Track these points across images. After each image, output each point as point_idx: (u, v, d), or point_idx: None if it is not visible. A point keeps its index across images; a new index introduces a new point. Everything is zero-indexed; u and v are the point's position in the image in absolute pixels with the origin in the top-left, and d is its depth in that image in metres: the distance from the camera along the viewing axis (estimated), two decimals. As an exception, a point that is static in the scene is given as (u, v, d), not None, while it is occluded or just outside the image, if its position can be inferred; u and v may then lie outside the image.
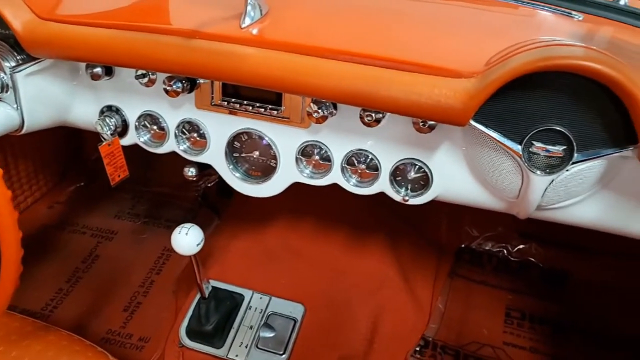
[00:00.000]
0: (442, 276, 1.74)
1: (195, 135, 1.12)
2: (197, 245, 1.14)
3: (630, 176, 0.89)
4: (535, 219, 1.02)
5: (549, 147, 0.85)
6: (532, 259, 1.81)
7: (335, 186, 1.09)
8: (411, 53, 0.89)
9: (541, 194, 0.91)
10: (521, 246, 1.83)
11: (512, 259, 1.83)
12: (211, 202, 1.94)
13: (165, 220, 1.88)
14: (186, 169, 1.18)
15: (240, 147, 1.11)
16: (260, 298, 1.47)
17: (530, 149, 0.87)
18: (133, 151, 1.19)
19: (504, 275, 1.78)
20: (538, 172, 0.88)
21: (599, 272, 1.73)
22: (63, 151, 1.96)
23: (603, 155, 0.83)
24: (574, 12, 1.08)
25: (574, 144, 0.84)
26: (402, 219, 1.80)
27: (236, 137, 1.10)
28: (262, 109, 1.03)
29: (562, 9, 1.10)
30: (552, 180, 0.89)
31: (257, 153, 1.11)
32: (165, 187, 2.00)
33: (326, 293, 1.52)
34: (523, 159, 0.87)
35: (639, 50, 0.98)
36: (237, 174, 1.14)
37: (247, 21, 0.92)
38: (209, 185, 1.99)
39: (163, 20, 0.97)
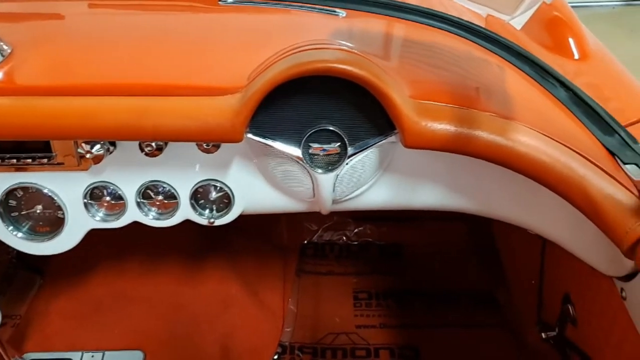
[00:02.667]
0: (290, 277, 1.75)
1: None
2: (-5, 324, 1.01)
3: (403, 158, 0.96)
4: (340, 210, 1.06)
5: (325, 146, 0.89)
6: (370, 239, 1.90)
7: None
8: (175, 75, 0.87)
9: (331, 189, 0.95)
10: (357, 229, 1.92)
11: (352, 243, 1.90)
12: (29, 261, 1.74)
13: None
14: None
15: (18, 204, 1.00)
16: (92, 356, 1.36)
17: (309, 151, 0.90)
18: None
19: (347, 260, 1.85)
20: (321, 170, 0.91)
21: (426, 237, 1.88)
22: None
23: (373, 145, 0.89)
24: (337, 10, 1.14)
25: (345, 139, 0.88)
26: (240, 231, 1.78)
27: (9, 194, 0.98)
28: (30, 160, 0.93)
29: (327, 8, 1.14)
30: (337, 176, 0.93)
31: (39, 207, 1.00)
32: None
33: (166, 331, 1.45)
34: (305, 162, 0.90)
35: (395, 40, 1.06)
36: (20, 234, 1.02)
37: (-17, 69, 0.82)
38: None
39: None
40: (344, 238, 1.93)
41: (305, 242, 1.90)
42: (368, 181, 0.98)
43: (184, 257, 1.63)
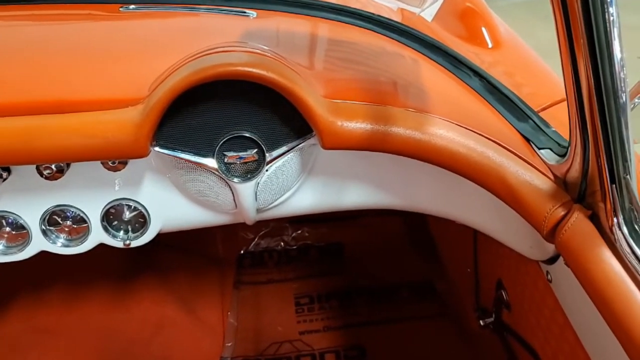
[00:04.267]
0: (228, 290, 1.70)
1: None
2: None
3: (325, 159, 0.93)
4: (267, 219, 1.02)
5: (242, 154, 0.84)
6: (308, 242, 1.87)
7: None
8: (71, 90, 0.80)
9: (253, 198, 0.90)
10: (295, 233, 1.88)
11: (290, 248, 1.87)
12: None
13: None
14: None
15: None
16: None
17: (224, 160, 0.85)
18: None
19: (287, 266, 1.81)
20: (239, 179, 0.86)
21: (365, 234, 1.87)
22: None
23: (292, 149, 0.85)
24: (247, 11, 1.09)
25: (262, 145, 0.84)
26: (170, 247, 1.70)
27: None
28: None
29: (237, 9, 1.10)
30: (258, 184, 0.88)
31: None
32: None
33: None
34: (221, 172, 0.85)
35: (306, 39, 1.03)
36: None
37: None
38: None
39: None
40: (282, 244, 1.89)
41: (242, 252, 1.85)
42: (292, 186, 0.94)
43: (110, 280, 1.53)
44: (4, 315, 1.42)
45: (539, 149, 0.80)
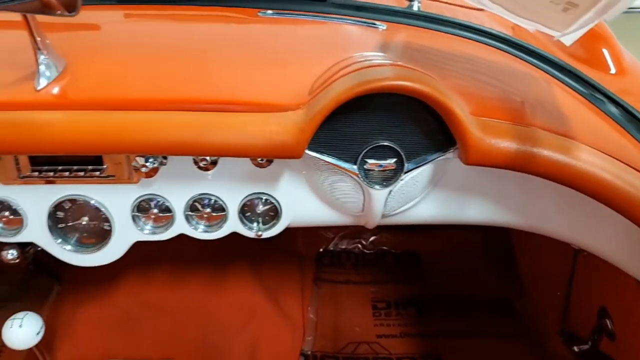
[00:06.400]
0: (308, 285, 1.75)
1: (7, 213, 0.97)
2: (37, 334, 1.00)
3: (454, 173, 0.97)
4: (386, 224, 1.06)
5: (382, 162, 0.89)
6: (385, 247, 1.90)
7: None
8: (234, 91, 0.86)
9: (383, 204, 0.95)
10: (373, 238, 1.92)
11: (368, 251, 1.90)
12: (47, 267, 1.71)
13: None
14: (4, 253, 1.02)
15: (65, 216, 0.99)
16: (125, 366, 1.35)
17: (365, 167, 0.90)
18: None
19: (364, 269, 1.85)
20: (376, 186, 0.91)
21: (442, 245, 1.89)
22: None
23: (430, 160, 0.89)
24: (377, 23, 1.14)
25: (403, 155, 0.88)
26: (256, 239, 1.77)
27: (57, 206, 0.97)
28: (82, 172, 0.92)
29: (366, 20, 1.15)
30: (390, 191, 0.93)
31: (85, 218, 0.99)
32: None
33: (196, 341, 1.43)
34: (360, 177, 0.90)
35: (440, 54, 1.07)
36: (68, 247, 1.01)
37: (43, 82, 0.80)
38: (29, 249, 1.75)
39: None
40: (360, 246, 1.92)
41: (321, 250, 1.90)
42: (418, 196, 0.98)
43: (210, 265, 1.62)
44: (117, 288, 1.53)
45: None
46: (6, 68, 0.85)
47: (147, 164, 0.89)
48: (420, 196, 0.99)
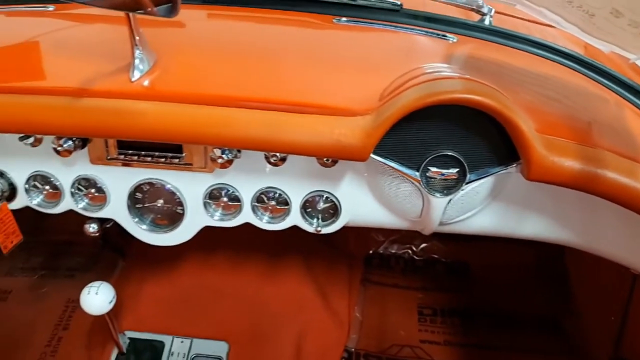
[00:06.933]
0: (356, 285, 1.79)
1: (93, 190, 1.06)
2: (110, 302, 1.09)
3: (514, 188, 0.98)
4: (441, 232, 1.09)
5: (444, 171, 0.92)
6: (435, 256, 1.91)
7: None
8: (306, 93, 0.91)
9: (442, 212, 0.98)
10: (424, 245, 1.93)
11: (417, 258, 1.92)
12: (113, 243, 1.83)
13: (65, 270, 1.73)
14: (87, 226, 1.12)
15: (143, 197, 1.07)
16: (182, 342, 1.43)
17: (427, 174, 0.93)
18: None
19: (412, 275, 1.87)
20: (437, 194, 0.94)
21: (493, 258, 1.88)
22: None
23: (493, 173, 0.91)
24: (448, 35, 1.16)
25: (466, 166, 0.91)
26: (309, 233, 1.83)
27: (137, 188, 1.06)
28: (162, 159, 1.00)
29: (437, 32, 1.17)
30: (450, 200, 0.96)
31: (161, 201, 1.07)
32: (62, 234, 1.86)
33: (249, 326, 1.51)
34: (422, 184, 0.93)
35: (509, 69, 1.08)
36: (144, 226, 1.09)
37: (137, 74, 0.88)
38: (108, 225, 1.89)
39: (43, 79, 0.91)
40: (410, 252, 1.94)
41: (371, 252, 1.93)
42: (476, 207, 1.00)
43: (267, 256, 1.69)
44: (178, 268, 1.63)
45: None
46: (104, 59, 0.93)
47: (224, 155, 0.95)
48: (479, 207, 1.01)
